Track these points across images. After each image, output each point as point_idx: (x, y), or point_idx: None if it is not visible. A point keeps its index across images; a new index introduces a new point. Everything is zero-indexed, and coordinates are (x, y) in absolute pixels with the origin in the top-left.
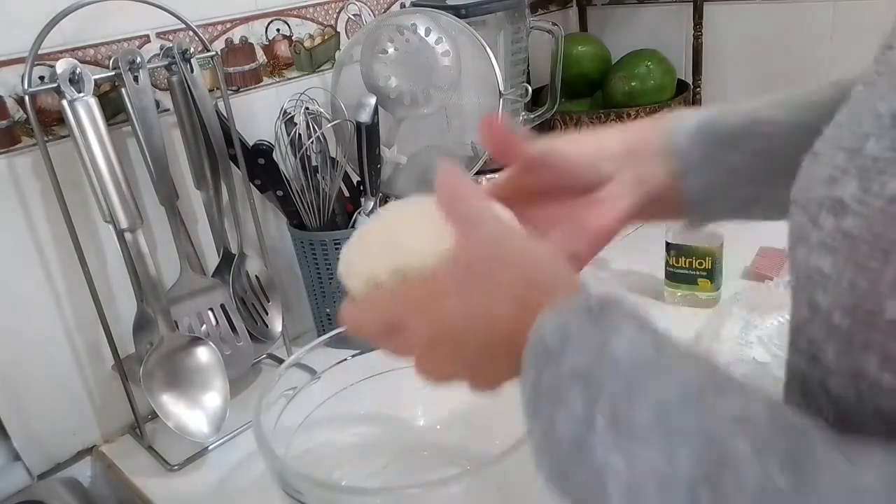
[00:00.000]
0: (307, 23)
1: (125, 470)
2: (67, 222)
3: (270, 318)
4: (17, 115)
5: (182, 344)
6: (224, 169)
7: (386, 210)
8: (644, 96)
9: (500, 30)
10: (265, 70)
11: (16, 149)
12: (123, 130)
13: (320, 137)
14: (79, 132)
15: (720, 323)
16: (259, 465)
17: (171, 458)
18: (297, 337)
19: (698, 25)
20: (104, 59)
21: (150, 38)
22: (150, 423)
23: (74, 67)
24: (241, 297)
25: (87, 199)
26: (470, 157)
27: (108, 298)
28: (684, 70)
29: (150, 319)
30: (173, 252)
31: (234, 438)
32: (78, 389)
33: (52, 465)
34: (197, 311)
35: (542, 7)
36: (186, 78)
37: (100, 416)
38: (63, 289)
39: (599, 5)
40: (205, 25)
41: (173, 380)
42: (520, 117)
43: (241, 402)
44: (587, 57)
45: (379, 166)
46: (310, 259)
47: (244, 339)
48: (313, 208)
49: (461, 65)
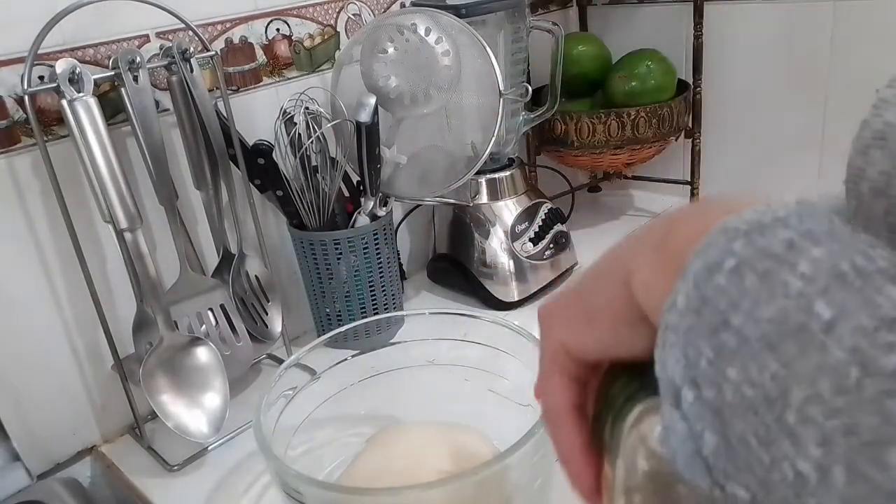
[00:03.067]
0: (307, 22)
1: (125, 470)
2: (67, 222)
3: (270, 319)
4: (16, 115)
5: (182, 344)
6: (224, 169)
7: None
8: (644, 96)
9: (500, 30)
10: (265, 70)
11: (15, 149)
12: (123, 130)
13: (320, 137)
14: (78, 132)
15: None
16: (259, 465)
17: (170, 458)
18: (296, 337)
19: (698, 25)
20: (104, 58)
21: (149, 38)
22: (149, 424)
23: (74, 67)
24: (240, 297)
25: (87, 199)
26: (470, 157)
27: (107, 298)
28: (684, 70)
29: (149, 319)
30: (173, 252)
31: (234, 438)
32: (77, 389)
33: (52, 465)
34: (196, 312)
35: (542, 7)
36: (186, 78)
37: (99, 417)
38: (62, 289)
39: (599, 5)
40: (204, 25)
41: (173, 380)
42: (520, 117)
43: (241, 402)
44: (587, 57)
45: (379, 166)
46: (310, 259)
47: (244, 339)
48: (313, 208)
49: (461, 65)
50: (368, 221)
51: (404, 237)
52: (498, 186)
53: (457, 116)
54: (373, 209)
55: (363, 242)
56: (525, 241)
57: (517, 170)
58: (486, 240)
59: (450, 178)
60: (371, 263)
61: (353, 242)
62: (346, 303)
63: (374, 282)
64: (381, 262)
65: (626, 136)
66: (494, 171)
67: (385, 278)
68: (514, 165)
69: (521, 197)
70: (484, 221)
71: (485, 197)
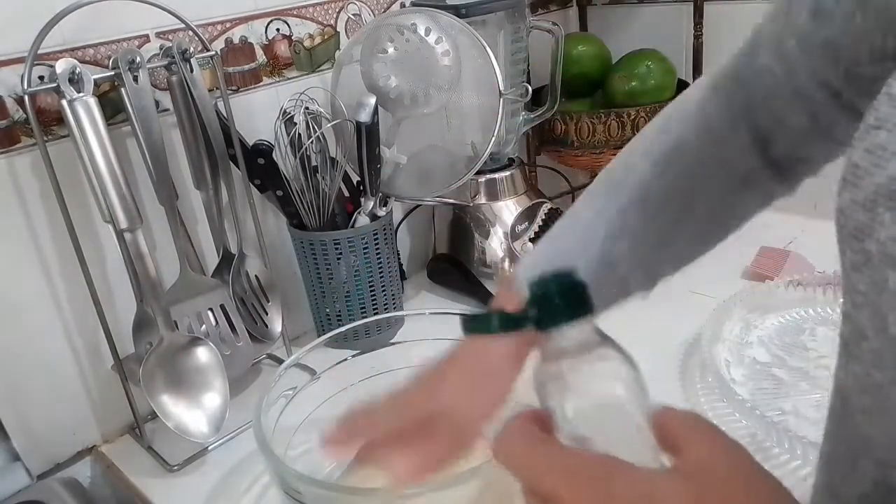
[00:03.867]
0: (307, 22)
1: (125, 470)
2: (67, 222)
3: (270, 318)
4: (16, 115)
5: (182, 344)
6: (224, 169)
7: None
8: (644, 96)
9: (500, 30)
10: (265, 70)
11: (15, 149)
12: (123, 130)
13: (320, 137)
14: (78, 132)
15: (720, 323)
16: (259, 466)
17: (170, 458)
18: (296, 337)
19: (698, 25)
20: (104, 58)
21: (149, 38)
22: (149, 424)
23: (74, 67)
24: (240, 297)
25: (87, 199)
26: (470, 156)
27: (107, 298)
28: (684, 70)
29: (149, 319)
30: (173, 252)
31: (233, 438)
32: (77, 390)
33: (52, 465)
34: (196, 312)
35: (542, 7)
36: (186, 78)
37: (99, 417)
38: (62, 289)
39: (599, 5)
40: (204, 25)
41: (173, 380)
42: (520, 117)
43: (241, 402)
44: (587, 57)
45: (379, 166)
46: (310, 259)
47: (244, 340)
48: (313, 208)
49: (461, 65)
50: (368, 221)
51: (404, 237)
52: (498, 186)
53: (457, 116)
54: (373, 209)
55: (363, 242)
56: (525, 241)
57: (517, 170)
58: (486, 240)
59: (450, 178)
60: (371, 263)
61: (353, 242)
62: (346, 303)
63: (374, 282)
64: (381, 262)
65: (626, 135)
66: (494, 171)
67: (385, 278)
68: (514, 165)
69: (521, 197)
70: (484, 221)
71: (484, 197)
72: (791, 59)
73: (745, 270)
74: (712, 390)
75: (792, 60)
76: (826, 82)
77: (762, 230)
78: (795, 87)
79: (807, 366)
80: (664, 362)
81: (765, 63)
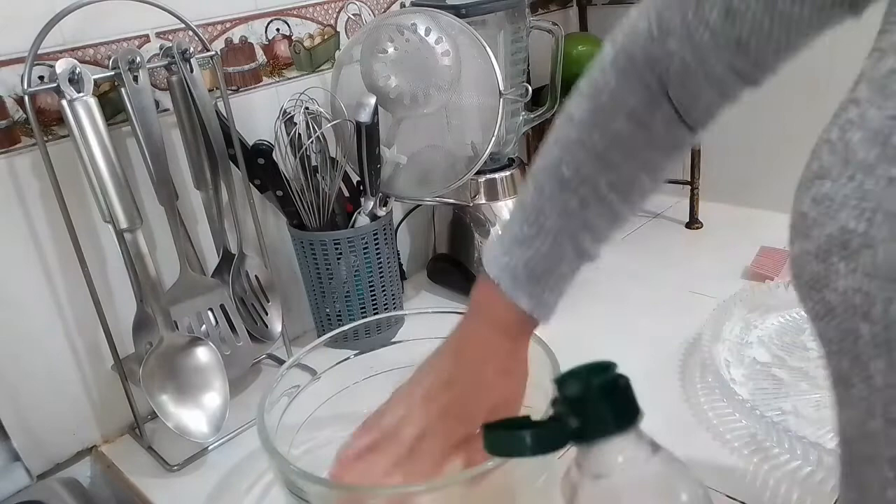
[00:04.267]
0: (307, 22)
1: (125, 470)
2: (67, 222)
3: (270, 318)
4: (16, 115)
5: (182, 344)
6: (224, 169)
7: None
8: None
9: (500, 30)
10: (265, 70)
11: (15, 149)
12: (123, 130)
13: (320, 137)
14: (78, 132)
15: (720, 323)
16: (259, 466)
17: (170, 458)
18: (296, 337)
19: None
20: (104, 58)
21: (149, 38)
22: (149, 424)
23: (74, 67)
24: (240, 297)
25: (87, 199)
26: (470, 156)
27: (107, 298)
28: None
29: (149, 319)
30: (173, 252)
31: (233, 439)
32: (77, 390)
33: (52, 465)
34: (196, 312)
35: (542, 7)
36: (186, 78)
37: (99, 417)
38: (62, 289)
39: (599, 5)
40: (204, 25)
41: (173, 380)
42: (520, 117)
43: (241, 403)
44: (587, 57)
45: (379, 166)
46: (310, 259)
47: (244, 340)
48: (313, 208)
49: (461, 65)
50: (368, 221)
51: (404, 237)
52: (498, 186)
53: (457, 116)
54: (373, 209)
55: (363, 242)
56: None
57: (517, 170)
58: (486, 240)
59: (450, 178)
60: (371, 263)
61: (353, 242)
62: (346, 303)
63: (374, 282)
64: (381, 262)
65: None
66: (494, 171)
67: (385, 278)
68: (514, 165)
69: None
70: (484, 221)
71: (484, 197)
72: (703, 50)
73: (745, 270)
74: (712, 390)
75: (704, 51)
76: (735, 68)
77: (762, 230)
78: (706, 73)
79: (807, 366)
80: (664, 362)
81: (674, 49)
